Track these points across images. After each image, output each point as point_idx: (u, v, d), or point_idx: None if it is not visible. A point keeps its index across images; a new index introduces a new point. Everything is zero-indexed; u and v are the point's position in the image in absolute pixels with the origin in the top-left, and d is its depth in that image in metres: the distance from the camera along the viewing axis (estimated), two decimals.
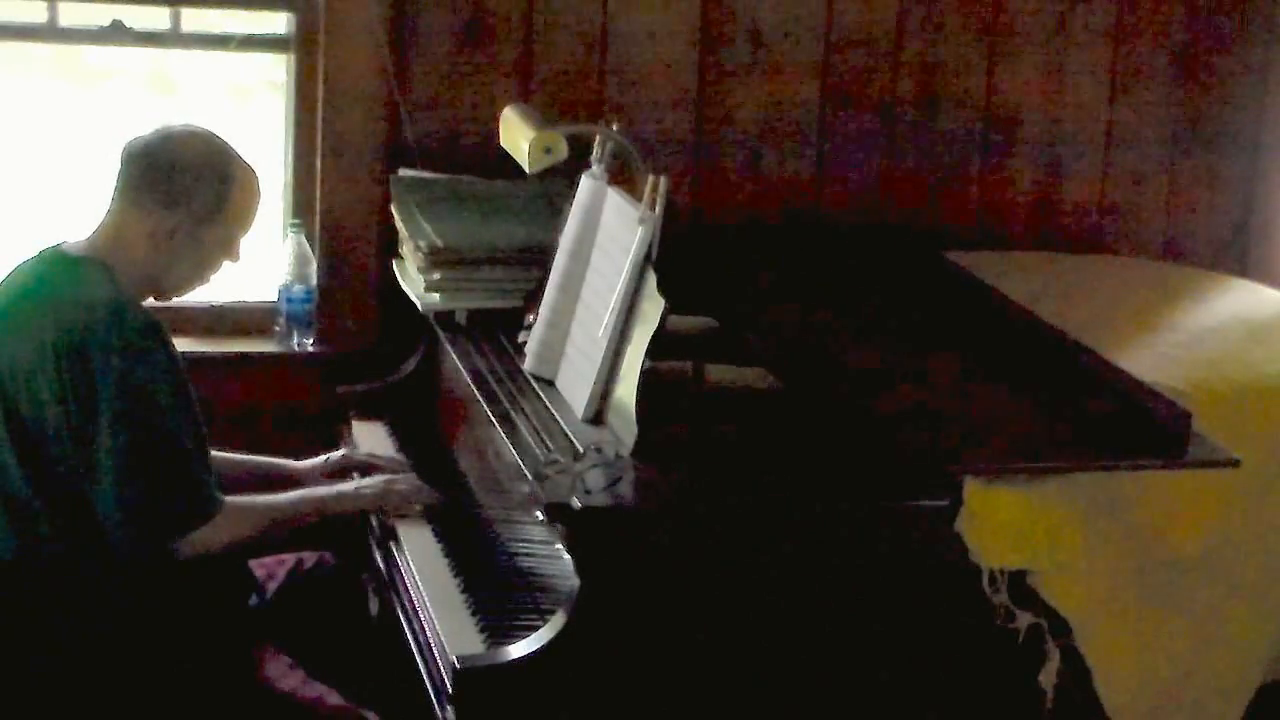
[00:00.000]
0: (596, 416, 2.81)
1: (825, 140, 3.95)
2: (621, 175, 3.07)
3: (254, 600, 2.94)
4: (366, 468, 3.16)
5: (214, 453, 3.04)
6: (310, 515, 2.95)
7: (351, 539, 3.14)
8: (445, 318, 3.37)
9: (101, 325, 2.69)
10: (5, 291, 2.84)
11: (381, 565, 2.98)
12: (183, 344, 3.59)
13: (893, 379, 3.05)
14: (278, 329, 3.72)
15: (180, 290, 2.92)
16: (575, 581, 2.46)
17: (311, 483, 3.12)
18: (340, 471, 3.17)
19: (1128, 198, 4.16)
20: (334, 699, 2.79)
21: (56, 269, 2.81)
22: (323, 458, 3.21)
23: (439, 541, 2.94)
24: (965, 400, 3.00)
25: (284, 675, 2.81)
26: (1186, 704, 2.96)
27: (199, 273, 2.90)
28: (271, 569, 3.04)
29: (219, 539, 2.77)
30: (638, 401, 2.67)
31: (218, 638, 2.80)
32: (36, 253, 2.88)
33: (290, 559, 3.08)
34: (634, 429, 2.66)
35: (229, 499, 2.80)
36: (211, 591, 2.81)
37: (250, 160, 2.91)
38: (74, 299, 2.73)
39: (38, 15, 3.62)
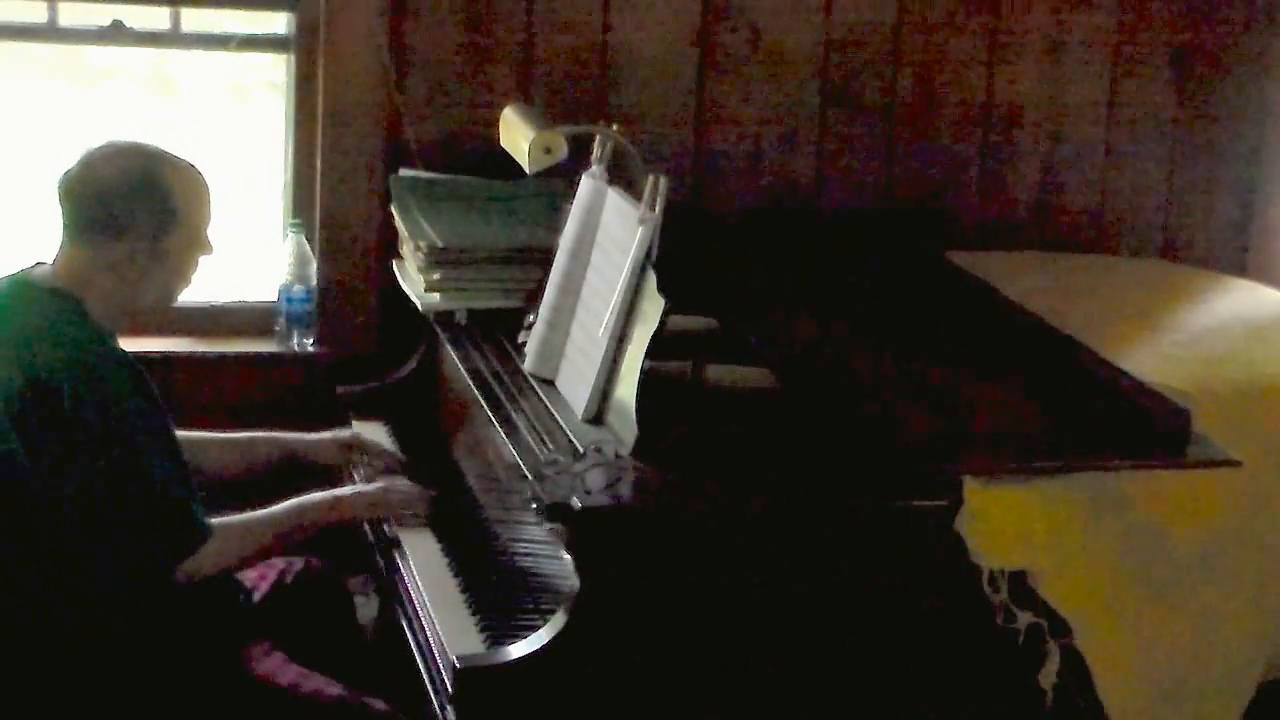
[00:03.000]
0: (596, 416, 2.81)
1: (825, 140, 3.95)
2: (621, 175, 3.07)
3: (241, 599, 2.93)
4: (374, 453, 3.21)
5: (225, 435, 3.11)
6: (308, 525, 2.93)
7: (338, 544, 3.13)
8: (445, 318, 3.37)
9: (70, 367, 2.66)
10: None
11: (381, 565, 2.98)
12: (183, 344, 3.63)
13: (893, 379, 3.05)
14: (278, 329, 3.72)
15: (163, 304, 2.90)
16: (575, 581, 2.46)
17: (324, 457, 3.18)
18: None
19: (1128, 198, 4.16)
20: (334, 689, 2.78)
21: (24, 302, 2.76)
22: (332, 433, 3.24)
23: (439, 541, 2.94)
24: (965, 400, 3.00)
25: (280, 670, 2.81)
26: (1186, 704, 2.95)
27: (176, 281, 2.86)
28: (262, 572, 3.03)
29: (215, 563, 2.77)
30: (638, 401, 2.67)
31: (209, 637, 2.79)
32: (8, 277, 2.83)
33: (278, 563, 3.06)
34: (634, 429, 2.66)
35: (219, 521, 2.79)
36: (200, 596, 2.80)
37: (182, 155, 2.85)
38: (41, 338, 2.69)
39: (38, 15, 3.62)
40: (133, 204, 2.76)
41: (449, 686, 2.48)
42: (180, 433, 2.86)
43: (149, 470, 2.70)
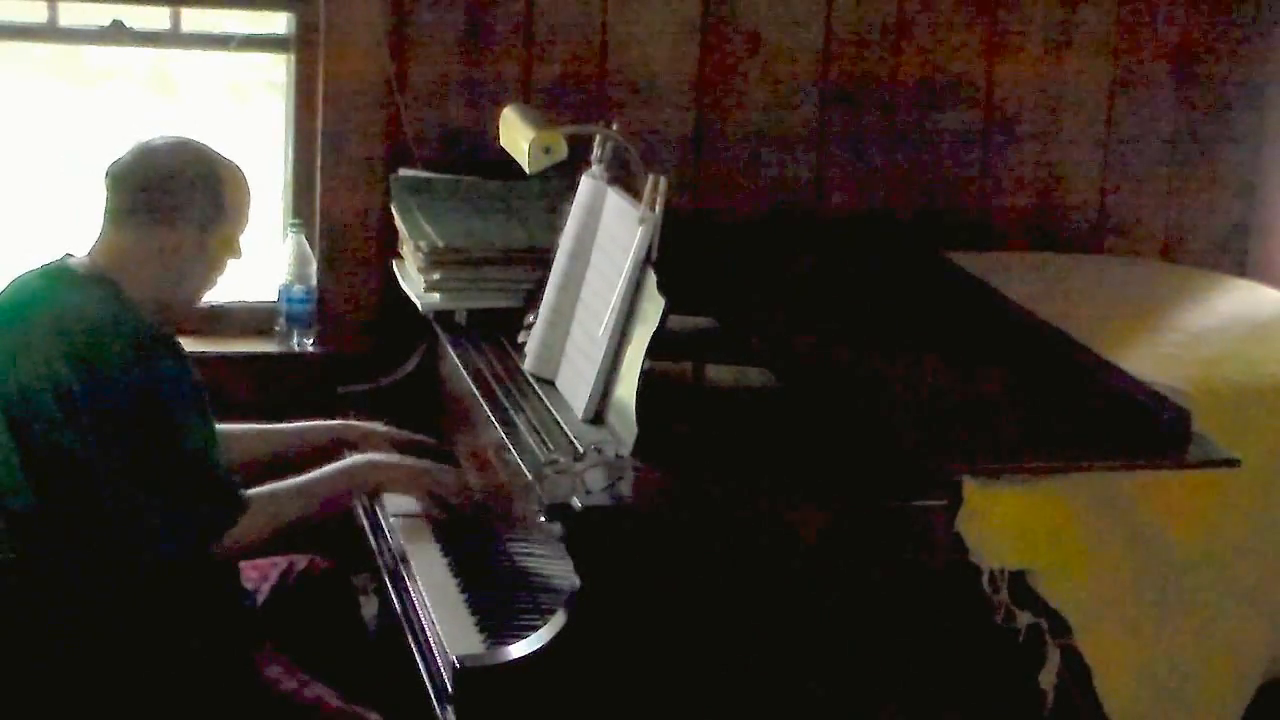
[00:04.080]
0: (596, 416, 2.80)
1: (825, 140, 3.95)
2: (621, 175, 3.07)
3: (245, 602, 2.94)
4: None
5: (254, 426, 3.16)
6: (355, 488, 2.99)
7: (344, 541, 3.14)
8: (445, 318, 3.37)
9: (114, 349, 2.69)
10: (9, 306, 2.81)
11: (381, 565, 2.98)
12: (183, 344, 3.61)
13: (893, 378, 3.05)
14: (278, 329, 3.72)
15: (194, 300, 2.93)
16: (575, 581, 2.46)
17: (371, 445, 3.17)
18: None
19: (1128, 198, 4.16)
20: (335, 700, 2.79)
21: (63, 286, 2.79)
22: (385, 427, 3.28)
23: (438, 541, 2.94)
24: (965, 400, 3.00)
25: (283, 677, 2.81)
26: (1186, 704, 2.95)
27: (209, 278, 2.90)
28: (264, 571, 3.04)
29: (253, 533, 2.79)
30: (638, 401, 2.67)
31: (215, 641, 2.80)
32: (40, 267, 2.85)
33: (282, 562, 3.07)
34: (634, 429, 2.65)
35: (254, 492, 2.82)
36: (205, 596, 2.80)
37: (231, 156, 2.90)
38: (83, 318, 2.72)
39: (38, 15, 3.62)
40: (191, 192, 2.81)
41: (449, 686, 2.48)
42: (230, 425, 2.94)
43: (190, 446, 2.74)
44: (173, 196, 2.80)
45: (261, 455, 3.11)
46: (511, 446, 2.81)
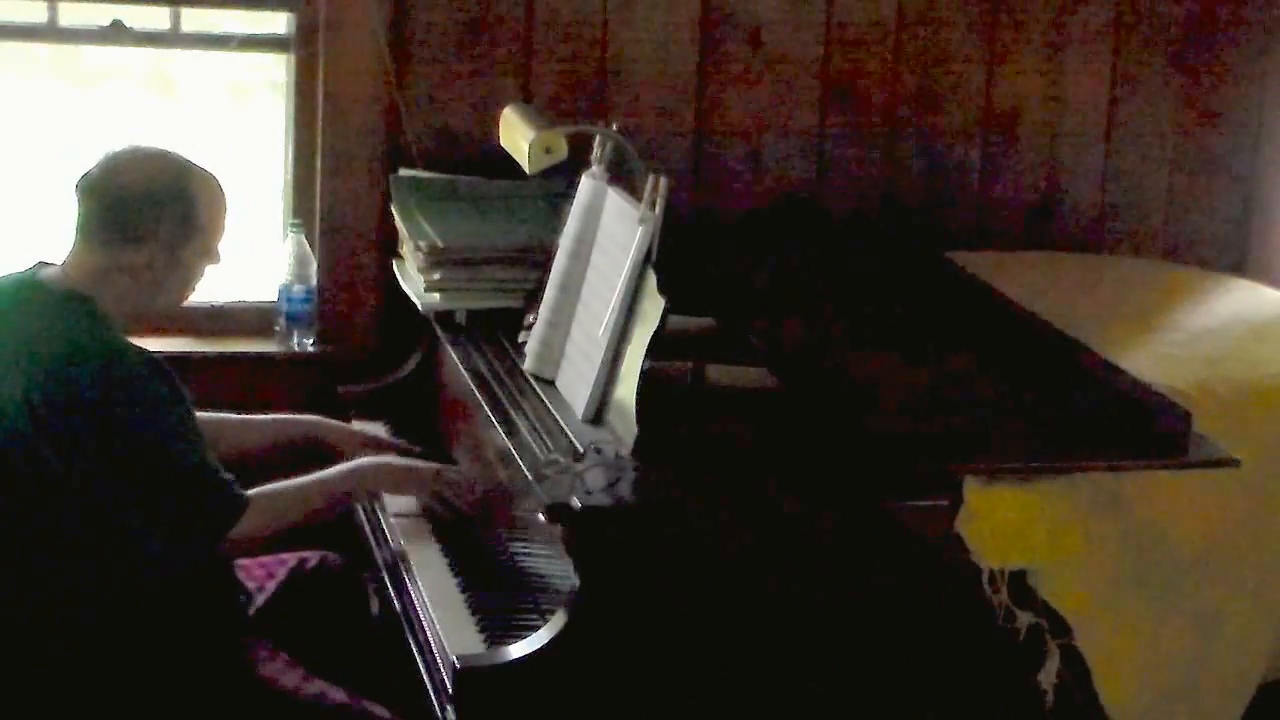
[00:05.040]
0: (596, 416, 2.81)
1: (825, 140, 3.95)
2: (621, 175, 3.07)
3: (243, 599, 2.94)
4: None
5: (245, 416, 3.17)
6: (352, 490, 2.99)
7: (353, 538, 3.14)
8: (445, 318, 3.37)
9: (95, 370, 2.68)
10: None
11: (381, 564, 2.98)
12: (183, 344, 3.62)
13: (893, 379, 3.05)
14: (278, 329, 3.72)
15: (171, 308, 2.93)
16: (575, 581, 2.47)
17: (344, 445, 3.17)
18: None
19: (1128, 198, 4.16)
20: (336, 694, 2.79)
21: (37, 306, 2.76)
22: (359, 426, 3.30)
23: (438, 541, 2.94)
24: (965, 400, 3.00)
25: (283, 673, 2.81)
26: (1186, 704, 2.96)
27: (185, 287, 2.88)
28: (272, 568, 3.04)
29: (255, 531, 2.79)
30: (638, 401, 2.67)
31: (209, 639, 2.79)
32: (13, 278, 2.83)
33: (291, 558, 3.07)
34: (634, 429, 2.65)
35: (256, 491, 2.81)
36: (198, 594, 2.80)
37: (204, 165, 2.86)
38: (61, 344, 2.70)
39: (38, 15, 3.62)
40: (158, 213, 2.77)
41: (449, 686, 2.48)
42: (200, 414, 2.90)
43: (181, 457, 2.73)
44: (140, 215, 2.76)
45: (238, 445, 3.10)
46: (511, 446, 2.81)
